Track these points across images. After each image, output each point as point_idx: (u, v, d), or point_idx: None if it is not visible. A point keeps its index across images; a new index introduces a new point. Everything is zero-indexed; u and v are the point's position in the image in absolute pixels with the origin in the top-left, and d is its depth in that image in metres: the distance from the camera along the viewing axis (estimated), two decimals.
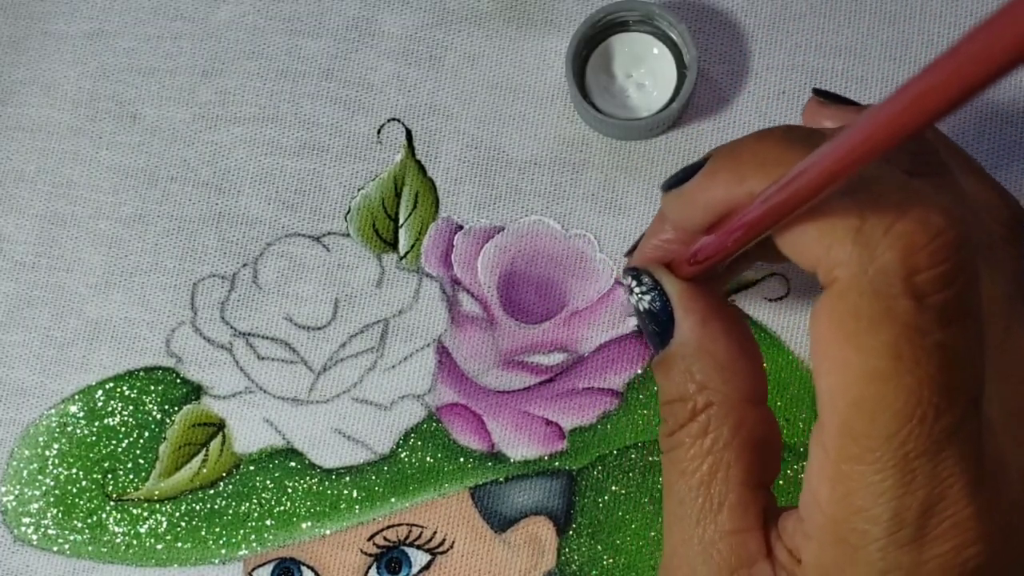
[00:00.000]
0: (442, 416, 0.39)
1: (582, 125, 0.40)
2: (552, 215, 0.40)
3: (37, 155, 0.41)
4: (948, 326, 0.20)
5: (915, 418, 0.20)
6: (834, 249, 0.21)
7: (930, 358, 0.20)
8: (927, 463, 0.21)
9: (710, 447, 0.24)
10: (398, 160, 0.40)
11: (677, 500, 0.25)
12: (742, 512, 0.24)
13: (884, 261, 0.20)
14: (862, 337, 0.21)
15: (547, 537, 0.38)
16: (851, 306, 0.21)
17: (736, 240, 0.23)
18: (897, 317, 0.20)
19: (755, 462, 0.24)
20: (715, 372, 0.25)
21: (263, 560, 0.38)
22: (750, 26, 0.40)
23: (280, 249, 0.40)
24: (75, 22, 0.42)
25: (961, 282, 0.20)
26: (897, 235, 0.20)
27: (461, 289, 0.39)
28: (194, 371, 0.39)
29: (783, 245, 0.22)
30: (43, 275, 0.41)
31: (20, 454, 0.39)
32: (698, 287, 0.26)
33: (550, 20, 0.41)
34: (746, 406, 0.24)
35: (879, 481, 0.21)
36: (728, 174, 0.24)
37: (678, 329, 0.25)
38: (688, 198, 0.25)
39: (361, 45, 0.41)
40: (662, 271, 0.26)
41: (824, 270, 0.21)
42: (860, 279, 0.20)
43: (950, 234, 0.20)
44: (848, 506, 0.21)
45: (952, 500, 0.21)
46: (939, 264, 0.20)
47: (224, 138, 0.41)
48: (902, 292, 0.20)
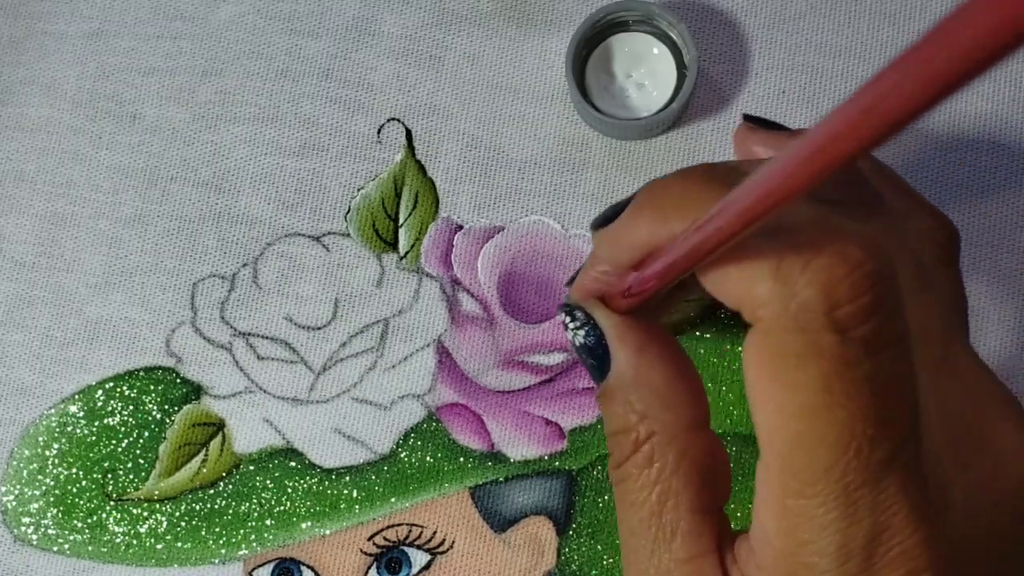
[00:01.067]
0: (442, 416, 0.39)
1: (582, 125, 0.40)
2: (552, 215, 0.40)
3: (37, 155, 0.41)
4: (874, 356, 0.20)
5: (851, 450, 0.20)
6: (755, 288, 0.21)
7: (860, 390, 0.20)
8: (868, 493, 0.21)
9: (656, 476, 0.24)
10: (398, 160, 0.40)
11: (630, 532, 0.25)
12: (695, 538, 0.24)
13: (804, 297, 0.20)
14: (790, 374, 0.21)
15: (547, 537, 0.38)
16: (777, 344, 0.21)
17: (660, 279, 0.23)
18: (823, 352, 0.20)
19: (704, 487, 0.24)
20: (654, 401, 0.25)
21: (263, 560, 0.38)
22: (750, 26, 0.40)
23: (280, 249, 0.40)
24: (75, 22, 0.42)
25: (884, 311, 0.20)
26: (815, 270, 0.20)
27: (461, 289, 0.39)
28: (194, 371, 0.39)
29: (707, 284, 0.22)
30: (43, 275, 0.41)
31: (20, 454, 0.39)
32: (632, 319, 0.26)
33: (550, 20, 0.41)
34: (689, 432, 0.24)
35: (822, 514, 0.21)
36: (651, 214, 0.24)
37: (614, 361, 0.25)
38: (614, 237, 0.25)
39: (361, 45, 0.41)
40: (595, 305, 0.26)
41: (748, 309, 0.21)
42: (782, 317, 0.20)
43: (869, 265, 0.20)
44: (795, 540, 0.21)
45: (897, 528, 0.21)
46: (860, 296, 0.20)
47: (224, 138, 0.41)
48: (825, 327, 0.20)
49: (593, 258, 0.27)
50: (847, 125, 0.16)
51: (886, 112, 0.15)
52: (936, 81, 0.14)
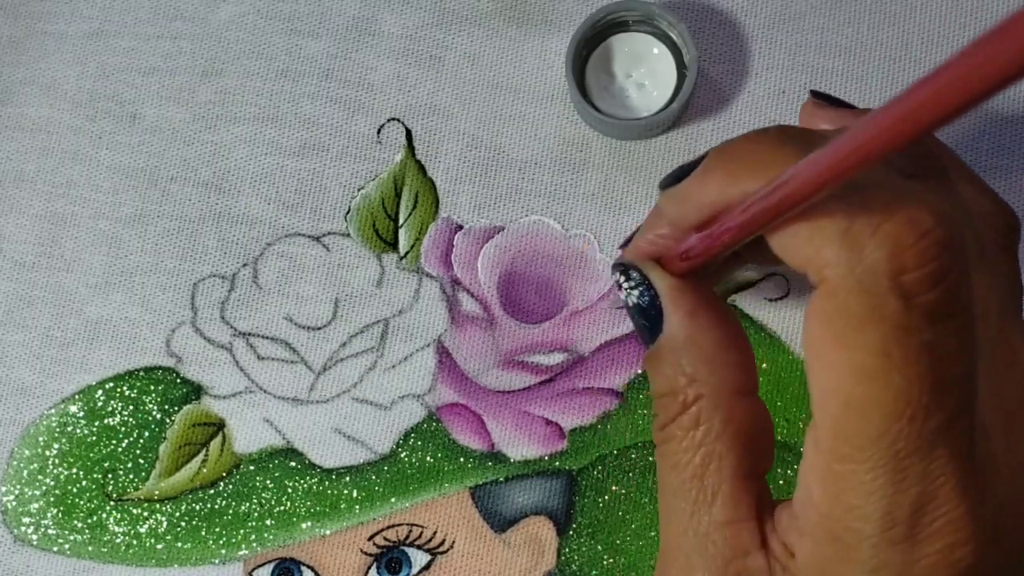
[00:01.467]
0: (442, 416, 0.39)
1: (582, 125, 0.40)
2: (552, 215, 0.40)
3: (37, 155, 0.41)
4: (937, 325, 0.20)
5: (905, 417, 0.20)
6: (823, 250, 0.21)
7: (919, 357, 0.20)
8: (918, 462, 0.21)
9: (701, 439, 0.24)
10: (398, 160, 0.40)
11: (671, 493, 0.25)
12: (736, 503, 0.24)
13: (872, 261, 0.20)
14: (851, 336, 0.21)
15: (547, 537, 0.38)
16: (840, 306, 0.21)
17: (728, 239, 0.24)
18: (885, 316, 0.20)
19: (747, 453, 0.24)
20: (704, 365, 0.25)
21: (263, 560, 0.38)
22: (750, 26, 0.40)
23: (280, 249, 0.40)
24: (75, 22, 0.42)
25: (950, 281, 0.20)
26: (884, 235, 0.20)
27: (461, 289, 0.39)
28: (194, 371, 0.39)
29: (774, 245, 0.22)
30: (43, 275, 0.41)
31: (20, 454, 0.39)
32: (687, 282, 0.26)
33: (550, 20, 0.41)
34: (736, 398, 0.25)
35: (871, 480, 0.21)
36: (722, 174, 0.24)
37: (667, 323, 0.25)
38: (683, 196, 0.25)
39: (361, 45, 0.41)
40: (651, 266, 0.26)
41: (814, 270, 0.21)
42: (848, 279, 0.21)
43: (938, 233, 0.20)
44: (840, 504, 0.21)
45: (944, 499, 0.21)
46: (927, 263, 0.20)
47: (224, 138, 0.41)
48: (890, 291, 0.20)
49: (651, 220, 0.27)
50: (932, 95, 0.16)
51: (973, 83, 0.15)
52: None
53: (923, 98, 0.16)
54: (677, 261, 0.26)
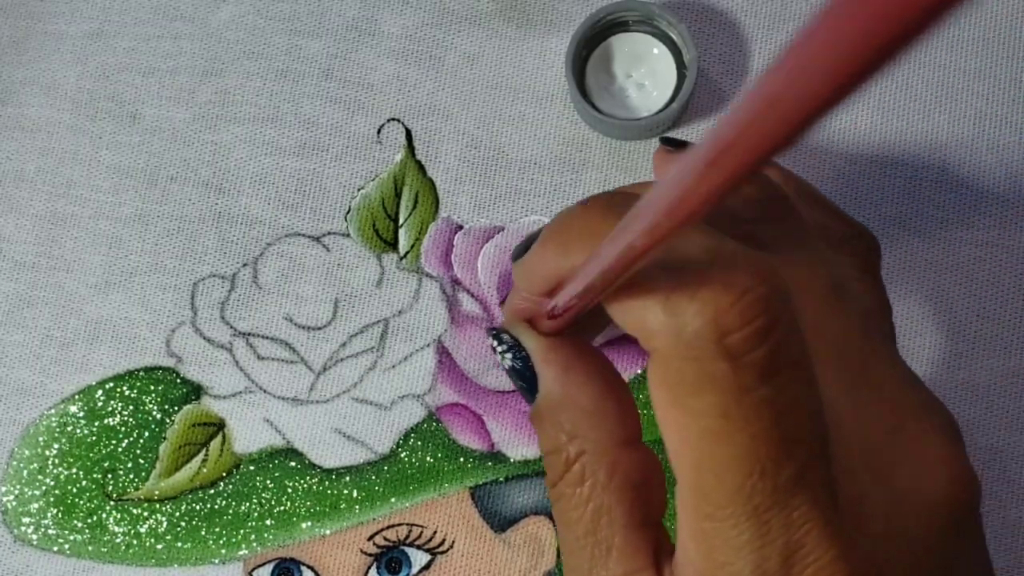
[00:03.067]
0: (442, 416, 0.39)
1: (582, 125, 0.40)
2: (552, 215, 0.40)
3: (37, 155, 0.41)
4: (770, 381, 0.20)
5: (756, 473, 0.21)
6: (648, 319, 0.21)
7: (758, 414, 0.20)
8: (779, 513, 0.21)
9: (589, 494, 0.24)
10: (398, 160, 0.40)
11: (568, 551, 0.25)
12: (631, 554, 0.24)
13: (694, 327, 0.20)
14: (689, 401, 0.21)
15: (547, 537, 0.38)
16: (673, 373, 0.21)
17: (569, 309, 0.24)
18: (716, 380, 0.20)
19: (637, 502, 0.24)
20: (583, 420, 0.25)
21: (263, 560, 0.38)
22: (750, 26, 0.40)
23: (280, 249, 0.40)
24: (75, 22, 0.42)
25: (777, 335, 0.20)
26: (703, 300, 0.20)
27: (461, 289, 0.39)
28: (194, 371, 0.39)
29: (611, 313, 0.23)
30: (43, 275, 0.41)
31: (20, 454, 0.39)
32: (558, 339, 0.26)
33: (550, 20, 0.41)
34: (619, 449, 0.25)
35: (736, 536, 0.21)
36: (555, 247, 0.24)
37: (541, 382, 0.25)
38: (526, 269, 0.26)
39: (361, 45, 0.41)
40: (520, 327, 0.26)
41: (644, 339, 0.22)
42: (676, 347, 0.21)
43: (757, 291, 0.20)
44: (712, 561, 0.22)
45: (812, 547, 0.21)
46: (749, 322, 0.20)
47: (224, 138, 0.41)
48: (716, 355, 0.20)
49: (515, 286, 0.28)
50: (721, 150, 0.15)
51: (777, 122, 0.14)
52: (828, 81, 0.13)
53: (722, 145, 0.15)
54: (546, 321, 0.26)
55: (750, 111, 0.14)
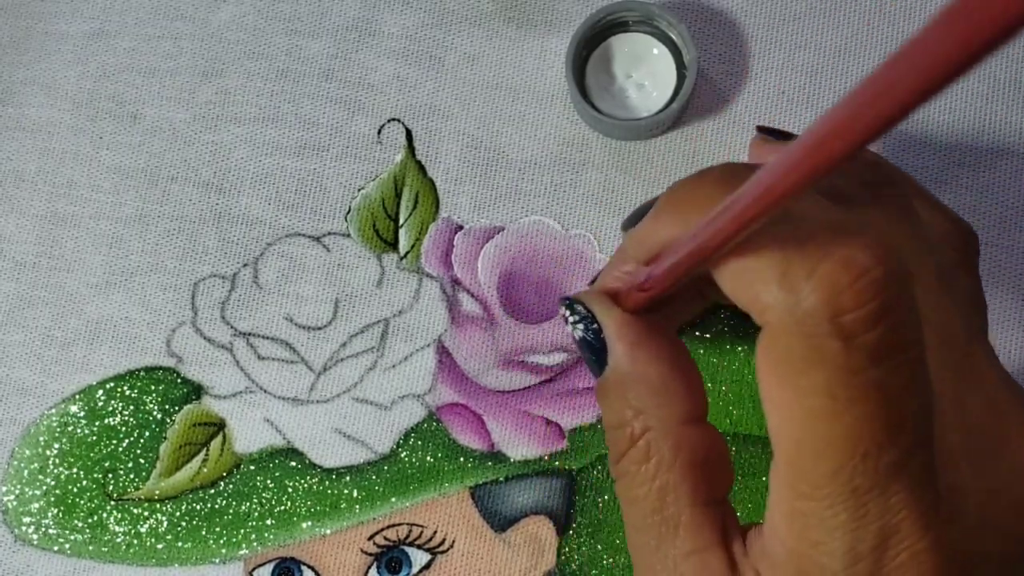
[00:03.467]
0: (442, 416, 0.39)
1: (582, 125, 0.40)
2: (552, 215, 0.40)
3: (37, 155, 0.41)
4: (881, 363, 0.20)
5: (858, 455, 0.21)
6: (762, 293, 0.21)
7: (866, 396, 0.20)
8: (878, 497, 0.21)
9: (654, 471, 0.24)
10: (398, 160, 0.40)
11: (635, 529, 0.25)
12: (698, 531, 0.24)
13: (809, 304, 0.20)
14: (796, 378, 0.21)
15: (547, 537, 0.38)
16: (783, 348, 0.21)
17: (669, 275, 0.24)
18: (827, 358, 0.20)
19: (703, 480, 0.24)
20: (650, 396, 0.25)
21: (263, 560, 0.38)
22: (750, 26, 0.40)
23: (280, 249, 0.40)
24: (76, 22, 0.42)
25: (892, 319, 0.20)
26: (820, 277, 0.20)
27: (461, 289, 0.39)
28: (194, 371, 0.39)
29: (721, 283, 0.23)
30: (43, 275, 0.41)
31: (21, 454, 0.39)
32: (633, 316, 0.26)
33: (550, 20, 0.41)
34: (684, 427, 0.25)
35: (831, 516, 0.21)
36: (671, 216, 0.24)
37: (611, 356, 0.25)
38: (640, 238, 0.25)
39: (361, 45, 0.41)
40: (595, 299, 0.26)
41: (756, 313, 0.21)
42: (788, 322, 0.21)
43: (875, 272, 0.20)
44: (805, 540, 0.22)
45: (907, 533, 0.21)
46: (865, 303, 0.20)
47: (224, 138, 0.41)
48: (829, 334, 0.20)
49: (617, 257, 0.27)
50: (841, 121, 0.16)
51: (881, 107, 0.15)
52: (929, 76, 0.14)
53: (832, 126, 0.16)
54: (635, 293, 0.26)
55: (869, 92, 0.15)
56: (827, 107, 0.40)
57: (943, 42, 0.13)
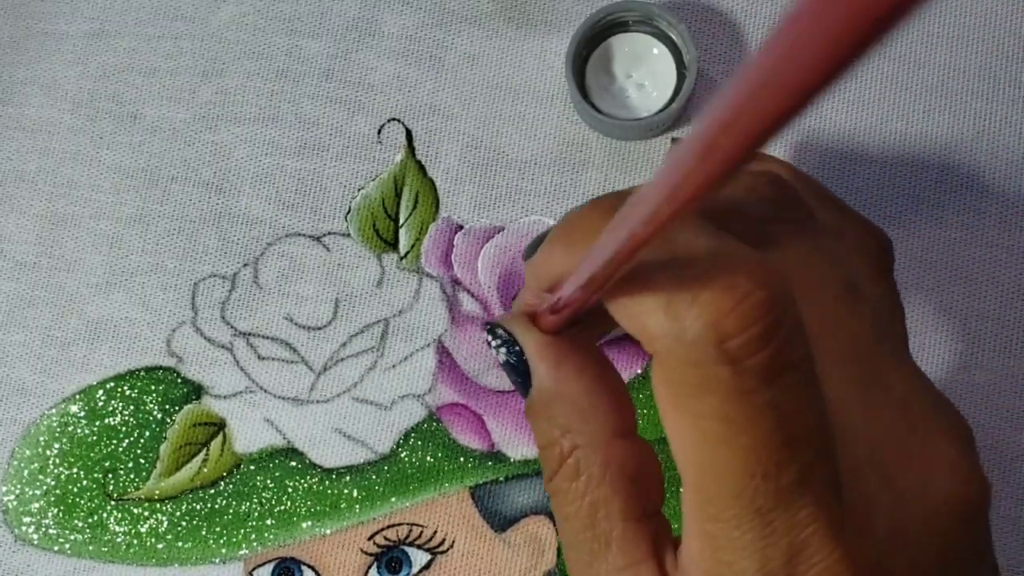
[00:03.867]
0: (442, 416, 0.39)
1: (582, 125, 0.40)
2: (552, 215, 0.40)
3: (37, 155, 0.41)
4: (771, 384, 0.20)
5: (758, 475, 0.21)
6: (649, 323, 0.21)
7: (760, 417, 0.20)
8: (783, 514, 0.21)
9: (584, 488, 0.24)
10: (398, 160, 0.40)
11: (569, 546, 0.25)
12: (630, 546, 0.24)
13: (694, 332, 0.20)
14: (690, 404, 0.21)
15: (547, 536, 0.38)
16: (674, 376, 0.21)
17: (570, 306, 0.24)
18: (717, 384, 0.20)
19: (633, 494, 0.24)
20: (575, 414, 0.25)
21: (263, 559, 0.38)
22: (750, 26, 0.40)
23: (280, 249, 0.40)
24: (76, 22, 0.42)
25: (777, 339, 0.20)
26: (703, 304, 0.20)
27: (461, 289, 0.39)
28: (195, 371, 0.39)
29: (613, 313, 0.23)
30: (44, 275, 0.41)
31: (21, 454, 0.39)
32: (554, 337, 0.26)
33: (550, 20, 0.41)
34: (613, 442, 0.25)
35: (739, 536, 0.21)
36: (562, 247, 0.24)
37: (534, 376, 0.25)
38: (535, 269, 0.26)
39: (361, 45, 0.41)
40: (516, 323, 0.26)
41: (645, 342, 0.22)
42: (676, 351, 0.21)
43: (757, 295, 0.20)
44: (717, 561, 0.22)
45: (816, 547, 0.21)
46: (749, 327, 0.20)
47: (224, 138, 0.41)
48: (716, 359, 0.20)
49: (526, 284, 0.28)
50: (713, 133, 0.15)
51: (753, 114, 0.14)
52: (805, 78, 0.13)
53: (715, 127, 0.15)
54: (548, 315, 0.26)
55: (744, 92, 0.14)
56: (827, 107, 0.40)
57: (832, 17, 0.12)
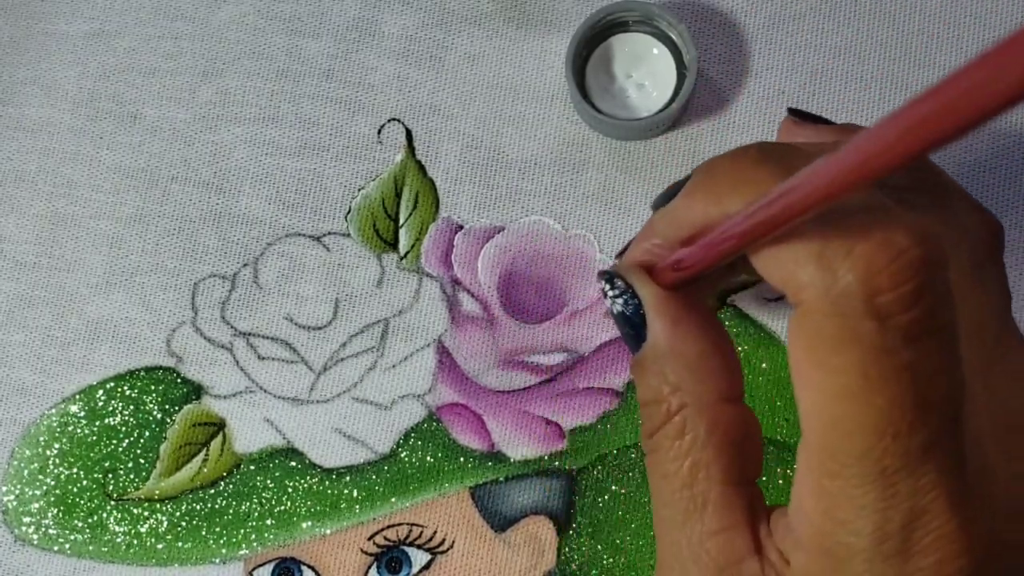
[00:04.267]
0: (442, 416, 0.39)
1: (582, 125, 0.40)
2: (552, 215, 0.40)
3: (37, 155, 0.41)
4: (915, 345, 0.20)
5: (889, 435, 0.21)
6: (798, 272, 0.21)
7: (899, 377, 0.20)
8: (907, 477, 0.21)
9: (688, 448, 0.24)
10: (398, 160, 0.40)
11: (662, 503, 0.25)
12: (726, 510, 0.24)
13: (845, 283, 0.20)
14: (829, 358, 0.21)
15: (547, 537, 0.38)
16: (817, 328, 0.21)
17: (716, 255, 0.24)
18: (861, 338, 0.20)
19: (735, 459, 0.24)
20: (687, 373, 0.25)
21: (263, 560, 0.38)
22: (750, 26, 0.40)
23: (280, 249, 0.40)
24: (76, 22, 0.42)
25: (927, 301, 0.20)
26: (857, 257, 0.20)
27: (461, 289, 0.39)
28: (195, 371, 0.39)
29: (756, 264, 0.22)
30: (44, 275, 0.41)
31: (21, 454, 0.39)
32: (672, 292, 0.26)
33: (550, 20, 0.41)
34: (721, 405, 0.25)
35: (860, 496, 0.21)
36: (705, 195, 0.24)
37: (650, 331, 0.25)
38: (672, 217, 0.25)
39: (361, 45, 0.41)
40: (636, 274, 0.26)
41: (791, 292, 0.21)
42: (823, 302, 0.21)
43: (913, 253, 0.20)
44: (832, 519, 0.22)
45: (935, 513, 0.21)
46: (901, 285, 0.20)
47: (224, 138, 0.41)
48: (864, 314, 0.20)
49: (646, 231, 0.27)
50: (935, 112, 0.15)
51: (977, 104, 0.14)
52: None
53: (921, 117, 0.16)
54: (669, 271, 0.26)
55: (951, 95, 0.15)
56: (827, 107, 0.40)
57: None
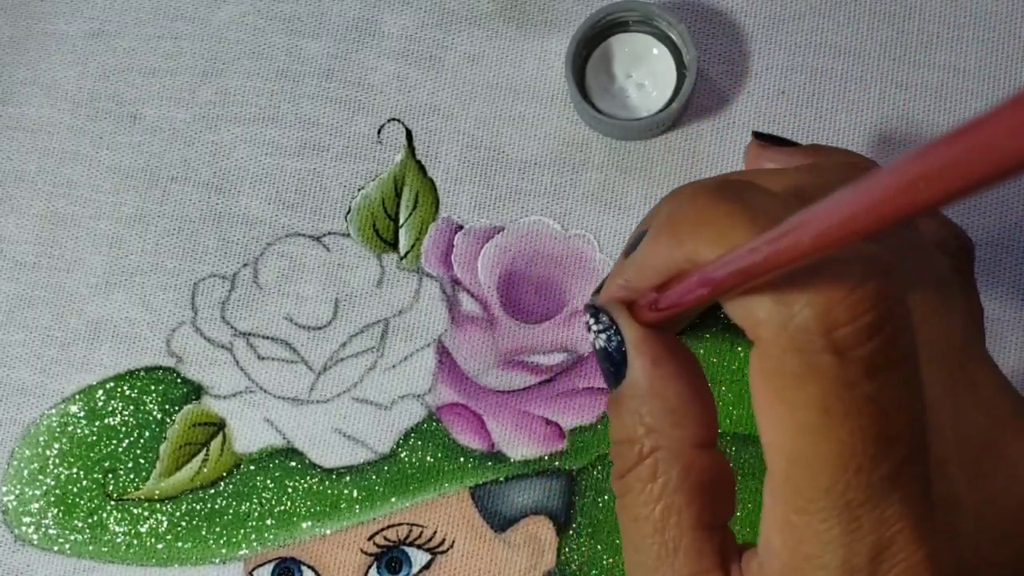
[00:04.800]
0: (442, 416, 0.39)
1: (582, 125, 0.40)
2: (552, 215, 0.40)
3: (37, 155, 0.41)
4: (875, 377, 0.20)
5: (851, 469, 0.20)
6: (756, 308, 0.21)
7: (860, 410, 0.20)
8: (872, 510, 0.21)
9: (660, 492, 0.24)
10: (398, 160, 0.40)
11: (634, 548, 0.25)
12: (698, 555, 0.24)
13: (802, 318, 0.20)
14: (789, 393, 0.21)
15: (547, 537, 0.38)
16: (776, 363, 0.21)
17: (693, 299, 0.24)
18: (821, 372, 0.20)
19: (707, 504, 0.24)
20: (664, 416, 0.25)
21: (263, 560, 0.38)
22: (750, 26, 0.40)
23: (280, 249, 0.40)
24: (76, 22, 0.42)
25: (886, 332, 0.20)
26: (814, 291, 0.20)
27: (461, 289, 0.39)
28: (194, 371, 0.39)
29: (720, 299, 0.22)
30: (43, 275, 0.41)
31: (21, 454, 0.39)
32: (654, 331, 0.26)
33: (550, 20, 0.41)
34: (695, 450, 0.24)
35: (826, 530, 0.21)
36: (667, 239, 0.24)
37: (630, 370, 0.25)
38: (639, 263, 0.25)
39: (361, 45, 0.41)
40: (620, 311, 0.26)
41: (750, 328, 0.21)
42: (781, 337, 0.20)
43: (870, 286, 0.20)
44: (799, 554, 0.22)
45: (901, 545, 0.21)
46: (859, 317, 0.20)
47: (224, 138, 0.41)
48: (823, 348, 0.20)
49: (620, 265, 0.27)
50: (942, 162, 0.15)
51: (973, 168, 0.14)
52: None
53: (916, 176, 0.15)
54: (646, 311, 0.26)
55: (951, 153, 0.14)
56: (827, 107, 0.40)
57: None
